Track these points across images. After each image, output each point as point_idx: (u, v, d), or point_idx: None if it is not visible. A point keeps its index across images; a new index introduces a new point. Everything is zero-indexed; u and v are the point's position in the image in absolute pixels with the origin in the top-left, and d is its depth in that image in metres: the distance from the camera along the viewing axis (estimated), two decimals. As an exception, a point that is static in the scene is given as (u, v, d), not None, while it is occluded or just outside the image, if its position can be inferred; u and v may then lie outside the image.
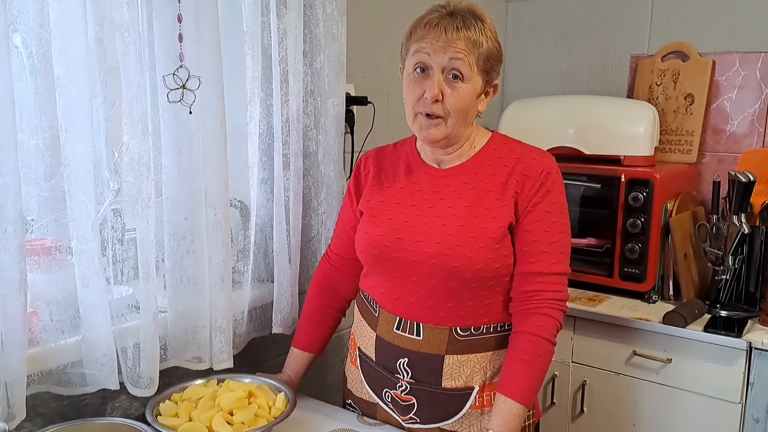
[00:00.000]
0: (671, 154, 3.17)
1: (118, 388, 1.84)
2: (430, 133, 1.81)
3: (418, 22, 1.79)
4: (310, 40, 2.30)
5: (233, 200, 2.21)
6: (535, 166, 1.83)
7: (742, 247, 2.63)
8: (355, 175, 2.05)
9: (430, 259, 1.79)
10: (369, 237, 1.91)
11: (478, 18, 1.77)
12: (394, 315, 1.89)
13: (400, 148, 2.03)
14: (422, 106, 1.79)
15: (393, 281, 1.88)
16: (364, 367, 2.01)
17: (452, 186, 1.87)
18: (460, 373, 1.86)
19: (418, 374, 1.88)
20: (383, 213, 1.91)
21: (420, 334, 1.85)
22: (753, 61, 3.00)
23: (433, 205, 1.86)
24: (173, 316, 2.01)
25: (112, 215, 1.82)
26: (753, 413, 2.42)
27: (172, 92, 1.84)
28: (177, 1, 1.82)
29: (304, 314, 2.18)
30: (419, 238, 1.82)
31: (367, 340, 1.98)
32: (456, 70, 1.75)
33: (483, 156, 1.89)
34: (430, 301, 1.83)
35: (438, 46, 1.73)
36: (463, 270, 1.77)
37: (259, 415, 1.83)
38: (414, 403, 1.90)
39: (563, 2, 3.50)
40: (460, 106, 1.77)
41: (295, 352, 2.15)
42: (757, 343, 2.37)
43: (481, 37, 1.75)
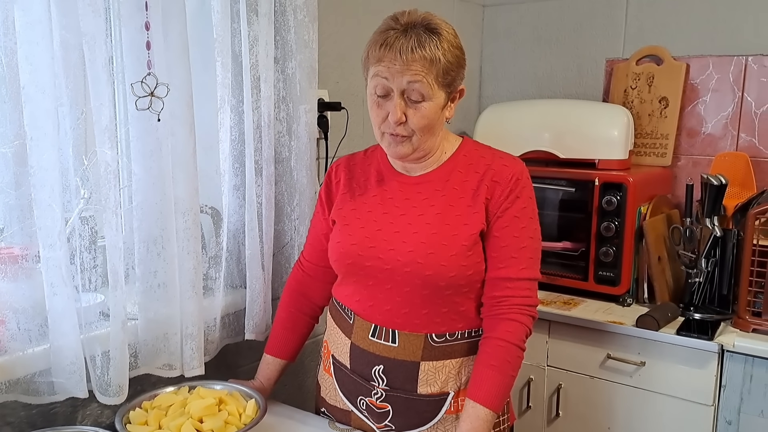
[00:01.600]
0: (646, 158, 3.19)
1: (86, 396, 1.83)
2: (398, 150, 1.81)
3: (374, 43, 1.76)
4: (282, 47, 2.31)
5: (204, 206, 2.21)
6: (506, 172, 1.83)
7: (715, 249, 2.63)
8: (327, 183, 2.05)
9: (403, 268, 1.80)
10: (342, 246, 1.91)
11: (433, 31, 1.72)
12: (369, 322, 1.89)
13: (370, 155, 2.02)
14: (387, 127, 1.78)
15: (367, 289, 1.88)
16: (338, 375, 2.00)
17: (423, 193, 1.87)
18: (435, 379, 1.86)
19: (394, 381, 1.88)
20: (355, 221, 1.91)
21: (395, 341, 1.85)
22: (726, 64, 3.02)
23: (405, 213, 1.86)
24: (144, 323, 2.00)
25: (81, 223, 1.82)
26: (725, 415, 2.44)
27: (141, 100, 1.84)
28: (145, 9, 1.82)
29: (277, 321, 2.18)
30: (392, 246, 1.83)
31: (341, 347, 1.98)
32: (416, 92, 1.72)
33: (453, 162, 1.89)
34: (405, 308, 1.83)
35: (395, 69, 1.70)
36: (436, 278, 1.78)
37: (229, 422, 1.83)
38: (389, 410, 1.90)
39: (539, 7, 3.51)
40: (424, 124, 1.76)
41: (268, 359, 2.15)
42: (729, 346, 2.38)
43: (438, 53, 1.70)
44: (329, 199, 2.03)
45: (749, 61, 2.97)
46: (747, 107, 2.99)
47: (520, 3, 3.56)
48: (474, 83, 3.73)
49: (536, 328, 2.67)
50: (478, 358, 1.82)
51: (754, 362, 2.37)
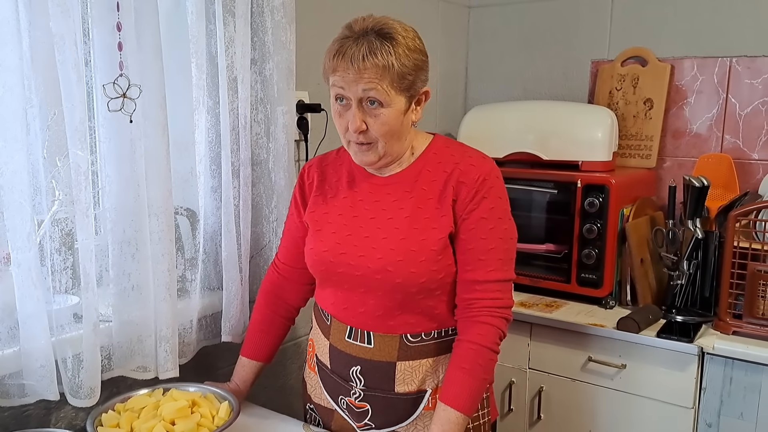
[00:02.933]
0: (631, 159, 3.18)
1: (57, 398, 1.82)
2: (363, 159, 1.82)
3: (328, 53, 1.76)
4: (260, 48, 2.30)
5: (180, 208, 2.21)
6: (473, 172, 1.81)
7: (697, 251, 2.63)
8: (300, 185, 2.04)
9: (374, 275, 1.80)
10: (314, 253, 1.91)
11: (386, 37, 1.70)
12: (345, 324, 1.89)
13: (343, 155, 1.99)
14: (351, 135, 1.77)
15: (343, 292, 1.88)
16: (322, 374, 2.01)
17: (393, 195, 1.86)
18: (412, 378, 1.87)
19: (371, 381, 1.88)
20: (327, 226, 1.91)
21: (371, 343, 1.86)
22: (710, 66, 3.02)
23: (374, 216, 1.86)
24: (118, 325, 1.99)
25: (52, 225, 1.81)
26: (706, 418, 2.43)
27: (113, 101, 1.84)
28: (116, 10, 1.81)
29: (252, 323, 2.17)
30: (362, 252, 1.82)
31: (322, 347, 1.98)
32: (372, 98, 1.71)
33: (423, 161, 1.88)
34: (379, 311, 1.84)
35: (349, 78, 1.70)
36: (407, 285, 1.78)
37: (201, 425, 1.82)
38: (368, 409, 1.91)
39: (525, 8, 3.51)
40: (385, 131, 1.75)
41: (243, 361, 2.14)
42: (709, 348, 2.38)
43: (390, 59, 1.68)
44: (303, 201, 2.02)
45: (733, 62, 2.96)
46: (731, 109, 2.98)
47: (505, 4, 3.56)
48: (460, 85, 3.72)
49: (518, 330, 2.69)
50: (451, 360, 1.82)
51: (734, 365, 2.36)
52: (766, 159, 2.92)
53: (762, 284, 2.39)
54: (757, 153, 2.94)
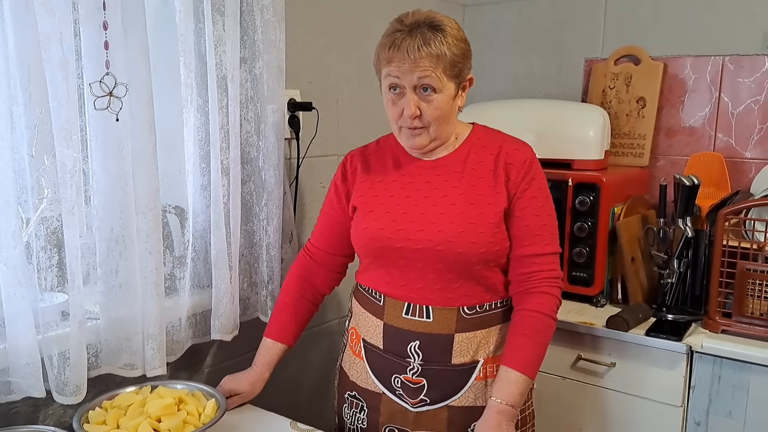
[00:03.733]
0: (624, 158, 3.18)
1: (44, 395, 1.83)
2: (416, 141, 1.93)
3: (382, 46, 1.88)
4: (250, 46, 2.31)
5: (168, 206, 2.21)
6: (519, 155, 1.97)
7: (687, 250, 2.63)
8: (342, 173, 2.12)
9: (435, 247, 1.89)
10: (369, 231, 1.98)
11: (437, 28, 1.83)
12: (402, 301, 1.96)
13: (383, 144, 2.11)
14: (404, 121, 1.90)
15: (399, 269, 1.95)
16: (371, 357, 2.05)
17: (443, 176, 1.97)
18: (468, 349, 1.96)
19: (429, 355, 1.95)
20: (379, 207, 1.99)
21: (430, 317, 1.94)
22: (703, 64, 3.02)
23: (427, 195, 1.96)
24: (105, 323, 2.00)
25: (39, 223, 1.82)
26: (694, 416, 2.43)
27: (99, 99, 1.85)
28: (102, 9, 1.82)
29: (279, 305, 2.21)
30: (421, 227, 1.92)
31: (372, 330, 2.03)
32: (426, 85, 1.84)
33: (468, 146, 2.00)
34: (438, 284, 1.92)
35: (405, 68, 1.82)
36: (468, 255, 1.88)
37: (187, 422, 1.83)
38: (424, 384, 1.97)
39: (519, 7, 3.51)
40: (438, 115, 1.88)
41: (268, 343, 2.16)
42: (697, 347, 2.38)
43: (443, 48, 1.81)
44: (346, 188, 2.10)
45: (726, 61, 2.96)
46: (724, 107, 2.98)
47: (500, 3, 3.56)
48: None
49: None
50: (511, 328, 1.96)
51: (722, 363, 2.36)
52: (759, 158, 2.92)
53: (751, 283, 2.39)
54: (749, 152, 2.94)
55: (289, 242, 2.54)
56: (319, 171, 2.81)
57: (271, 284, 2.46)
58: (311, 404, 2.86)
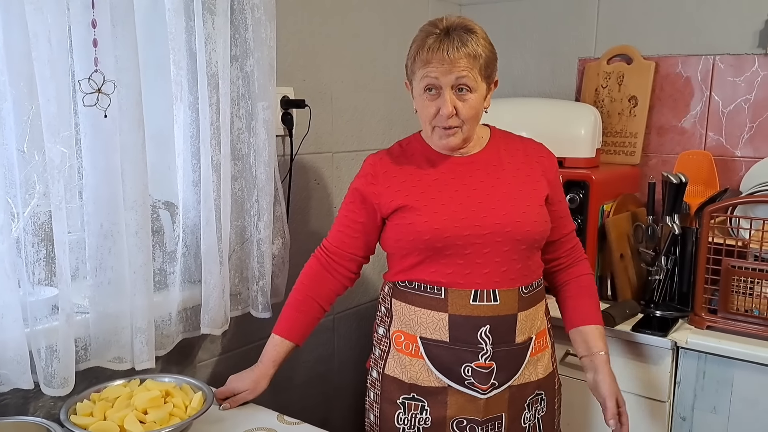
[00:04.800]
0: (616, 156, 3.21)
1: (32, 387, 1.86)
2: (450, 142, 2.01)
3: (420, 48, 1.94)
4: (241, 44, 2.33)
5: (158, 201, 2.24)
6: (542, 148, 2.19)
7: (675, 247, 2.65)
8: (368, 174, 2.14)
9: (503, 228, 1.98)
10: (432, 223, 2.00)
11: (471, 31, 1.93)
12: (468, 289, 2.00)
13: (407, 147, 2.16)
14: (439, 121, 1.97)
15: (464, 258, 2.00)
16: (433, 353, 2.05)
17: (483, 170, 2.07)
18: (526, 326, 2.06)
19: (498, 337, 2.02)
20: (432, 202, 2.03)
21: (497, 300, 2.01)
22: (694, 63, 3.04)
23: (476, 188, 2.04)
24: (95, 317, 2.02)
25: (30, 218, 1.85)
26: (680, 411, 2.45)
27: (88, 96, 1.87)
28: (91, 7, 1.85)
29: (290, 303, 2.22)
30: (484, 214, 1.99)
31: (434, 325, 2.04)
32: (463, 85, 1.92)
33: (495, 143, 2.14)
34: (504, 266, 2.01)
35: (444, 69, 1.90)
36: (533, 233, 2.02)
37: (174, 414, 1.86)
38: (494, 367, 2.03)
39: (514, 6, 3.53)
40: (472, 114, 1.97)
41: (276, 339, 2.18)
42: (682, 342, 2.40)
43: (478, 49, 1.91)
44: (373, 190, 2.11)
45: (716, 60, 2.98)
46: (714, 106, 3.01)
47: (495, 2, 3.58)
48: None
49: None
50: (576, 292, 2.25)
51: (707, 359, 2.39)
52: (749, 156, 2.94)
53: (736, 280, 2.42)
54: (739, 150, 2.96)
55: (281, 238, 2.56)
56: (314, 168, 2.84)
57: (262, 280, 2.48)
58: (301, 400, 2.89)
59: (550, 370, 2.18)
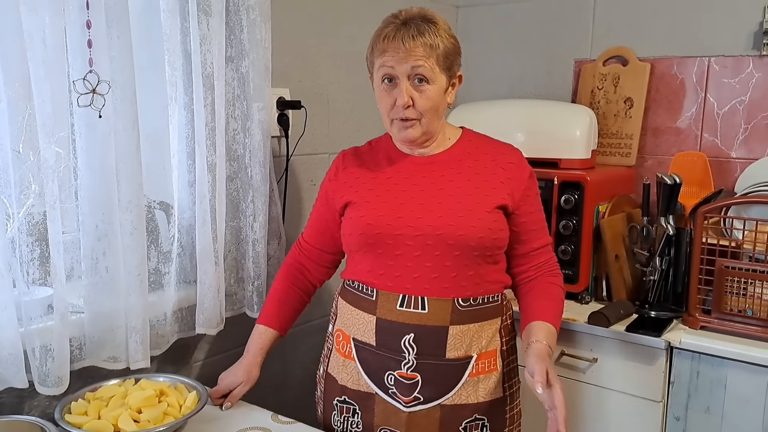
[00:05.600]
0: (611, 157, 3.21)
1: (26, 386, 1.87)
2: (407, 134, 1.96)
3: (377, 38, 1.93)
4: (236, 45, 2.34)
5: (153, 202, 2.25)
6: (515, 155, 2.07)
7: (669, 248, 2.66)
8: (334, 170, 2.15)
9: (435, 231, 1.91)
10: (368, 218, 1.98)
11: (430, 21, 1.90)
12: (396, 293, 1.95)
13: (375, 145, 2.15)
14: (396, 112, 1.94)
15: (394, 260, 1.95)
16: (362, 356, 2.02)
17: (438, 171, 2.01)
18: (461, 342, 1.95)
19: (424, 348, 1.94)
20: (376, 199, 2.00)
21: (425, 308, 1.93)
22: (689, 65, 3.05)
23: (424, 189, 1.99)
24: (89, 316, 2.04)
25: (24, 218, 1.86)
26: (674, 411, 2.46)
27: (82, 96, 1.88)
28: (86, 8, 1.86)
29: (272, 294, 2.24)
30: (420, 215, 1.94)
31: (363, 327, 2.01)
32: (420, 75, 1.88)
33: (461, 145, 2.07)
34: (435, 273, 1.92)
35: (399, 57, 1.87)
36: (468, 238, 1.90)
37: (168, 413, 1.87)
38: (418, 379, 1.95)
39: (511, 8, 3.54)
40: (430, 106, 1.92)
41: (260, 329, 2.19)
42: (676, 342, 2.40)
43: (436, 39, 1.88)
44: (336, 185, 2.12)
45: (711, 62, 2.99)
46: (709, 108, 3.01)
47: (492, 4, 3.59)
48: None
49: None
50: (536, 294, 2.07)
51: (700, 359, 2.39)
52: (744, 157, 2.94)
53: (729, 280, 2.42)
54: (734, 151, 2.97)
55: (277, 239, 2.58)
56: (310, 169, 2.85)
57: (257, 280, 2.49)
58: (296, 401, 2.88)
59: (497, 396, 2.03)
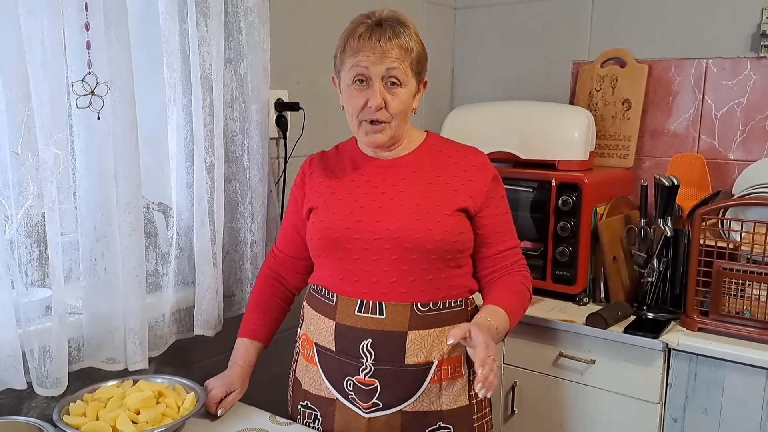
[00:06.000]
0: (609, 159, 3.22)
1: (25, 387, 1.87)
2: (376, 138, 1.95)
3: (350, 36, 1.90)
4: (234, 47, 2.35)
5: (152, 203, 2.25)
6: (479, 158, 2.05)
7: (667, 249, 2.66)
8: (301, 176, 2.14)
9: (392, 235, 1.89)
10: (327, 222, 1.98)
11: (404, 24, 1.90)
12: (354, 298, 1.93)
13: (341, 149, 2.14)
14: (366, 114, 1.92)
15: (353, 264, 1.94)
16: (323, 361, 2.01)
17: (400, 174, 2.00)
18: (421, 348, 1.92)
19: (382, 354, 1.91)
20: (337, 202, 1.99)
21: (383, 313, 1.91)
22: (687, 67, 3.05)
23: (385, 192, 1.97)
24: (88, 318, 2.04)
25: (23, 219, 1.86)
26: (672, 413, 2.46)
27: (81, 98, 1.88)
28: (85, 10, 1.86)
29: (251, 305, 2.23)
30: (378, 218, 1.92)
31: (324, 332, 2.00)
32: (394, 78, 1.89)
33: (425, 148, 2.05)
34: (393, 277, 1.90)
35: (375, 58, 1.86)
36: (425, 241, 1.88)
37: (166, 415, 1.87)
38: (377, 386, 1.93)
39: (509, 10, 3.55)
40: (401, 109, 1.92)
41: (245, 342, 2.17)
42: (673, 344, 2.41)
43: (411, 43, 1.89)
44: (302, 191, 2.12)
45: (709, 63, 3.00)
46: (707, 109, 3.02)
47: (490, 6, 3.60)
48: (446, 85, 3.76)
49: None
50: (497, 285, 2.03)
51: (698, 360, 2.39)
52: (741, 159, 2.95)
53: (727, 282, 2.43)
54: (732, 153, 2.97)
55: (275, 240, 2.57)
56: (307, 170, 2.85)
57: (255, 281, 2.49)
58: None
59: (462, 403, 1.98)
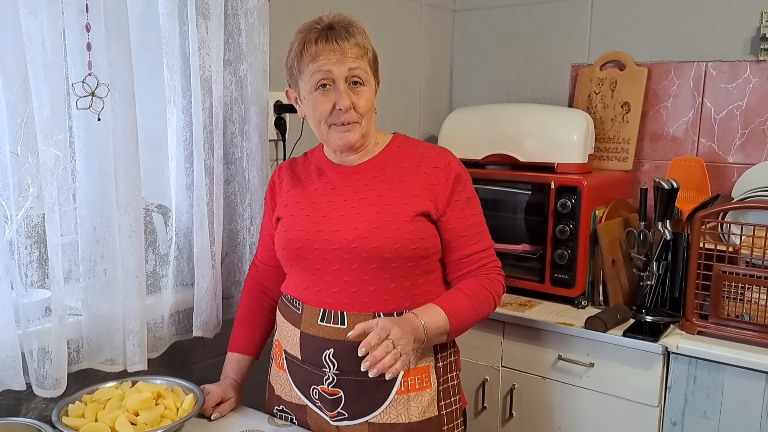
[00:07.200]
0: (609, 162, 3.22)
1: (24, 388, 1.87)
2: (348, 137, 1.92)
3: (304, 43, 1.88)
4: (234, 49, 2.35)
5: (151, 205, 2.25)
6: (443, 158, 2.00)
7: (666, 252, 2.66)
8: (271, 186, 2.14)
9: (350, 245, 1.87)
10: (289, 233, 1.97)
11: (354, 25, 1.90)
12: (317, 308, 1.93)
13: (309, 156, 2.12)
14: (335, 118, 1.90)
15: (315, 274, 1.93)
16: (291, 368, 2.02)
17: (363, 180, 1.97)
18: None
19: (344, 364, 1.89)
20: (300, 212, 1.98)
21: (344, 323, 1.89)
22: (686, 70, 3.05)
23: (347, 199, 1.95)
24: (87, 319, 2.04)
25: (23, 220, 1.86)
26: (671, 416, 2.46)
27: (81, 99, 1.88)
28: (85, 11, 1.86)
29: (239, 319, 2.23)
30: (337, 228, 1.90)
31: (291, 339, 2.00)
32: (356, 77, 1.88)
33: (388, 152, 2.02)
34: (354, 287, 1.89)
35: (336, 58, 1.85)
36: (382, 249, 1.86)
37: (165, 416, 1.87)
38: (341, 396, 1.92)
39: (508, 12, 3.55)
40: (368, 107, 1.92)
41: (236, 356, 2.18)
42: (673, 347, 2.41)
43: (365, 41, 1.91)
44: (273, 201, 2.12)
45: (708, 67, 3.00)
46: (706, 112, 3.02)
47: (489, 9, 3.60)
48: (445, 87, 3.76)
49: (491, 329, 2.74)
50: (453, 287, 1.99)
51: (697, 364, 2.39)
52: (740, 162, 2.95)
53: (727, 285, 2.43)
54: (731, 156, 2.97)
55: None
56: (306, 172, 2.85)
57: (254, 283, 2.49)
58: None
59: (431, 414, 1.94)
